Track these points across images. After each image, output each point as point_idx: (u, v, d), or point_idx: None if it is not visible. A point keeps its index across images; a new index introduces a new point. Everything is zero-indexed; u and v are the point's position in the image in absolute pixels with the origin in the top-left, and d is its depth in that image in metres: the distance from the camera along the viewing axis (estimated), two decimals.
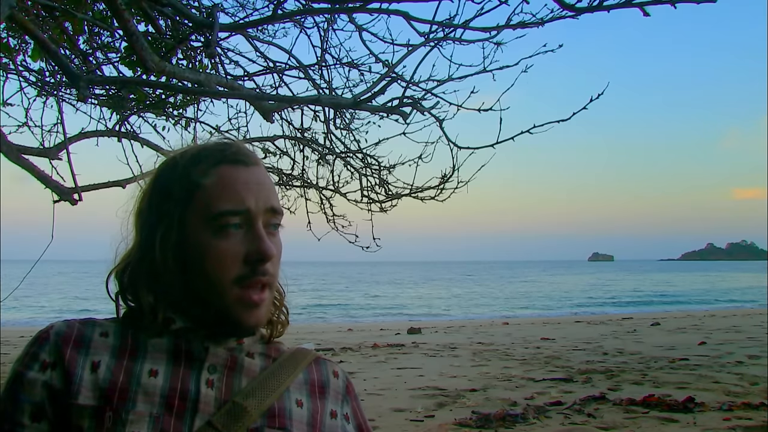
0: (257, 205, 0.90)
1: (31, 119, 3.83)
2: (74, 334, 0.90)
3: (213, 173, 0.91)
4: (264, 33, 4.26)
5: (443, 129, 3.66)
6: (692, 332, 12.38)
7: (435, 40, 3.15)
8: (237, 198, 0.89)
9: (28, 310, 25.94)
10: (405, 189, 4.45)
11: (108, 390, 0.85)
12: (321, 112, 4.40)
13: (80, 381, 0.85)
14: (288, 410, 0.93)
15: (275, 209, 0.93)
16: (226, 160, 0.92)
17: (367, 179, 4.64)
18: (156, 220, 0.92)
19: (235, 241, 0.89)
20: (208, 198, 0.90)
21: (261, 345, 1.00)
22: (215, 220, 0.89)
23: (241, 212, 0.89)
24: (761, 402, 5.36)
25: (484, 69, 3.26)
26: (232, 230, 0.89)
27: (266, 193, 0.92)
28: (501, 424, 4.94)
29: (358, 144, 4.60)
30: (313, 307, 30.49)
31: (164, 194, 0.92)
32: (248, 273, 0.89)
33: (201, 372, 0.90)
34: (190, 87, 3.06)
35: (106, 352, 0.89)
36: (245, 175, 0.92)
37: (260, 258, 0.89)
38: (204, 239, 0.89)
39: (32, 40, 2.73)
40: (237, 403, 0.89)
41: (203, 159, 0.93)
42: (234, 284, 0.88)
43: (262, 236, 0.89)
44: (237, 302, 0.89)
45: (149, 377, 0.87)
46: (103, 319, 0.96)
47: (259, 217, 0.90)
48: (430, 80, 3.50)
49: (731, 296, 36.30)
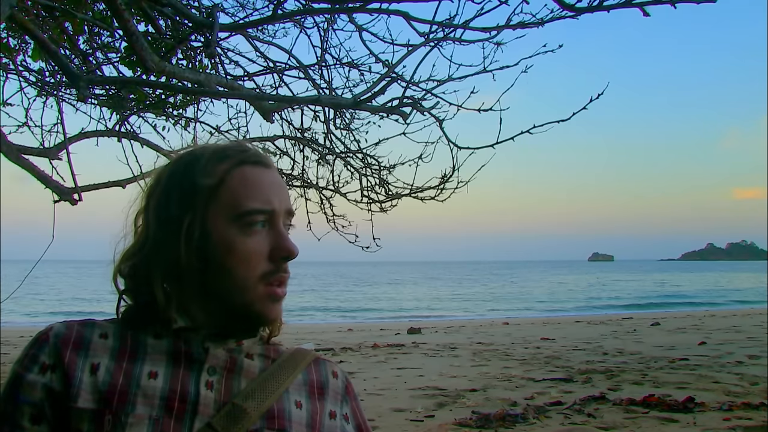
0: (280, 205, 0.94)
1: (31, 119, 3.83)
2: (73, 335, 0.90)
3: (237, 171, 0.93)
4: (264, 33, 4.26)
5: (443, 129, 3.66)
6: (692, 332, 12.38)
7: (435, 40, 3.15)
8: (263, 197, 0.92)
9: (28, 311, 25.94)
10: (405, 189, 4.45)
11: (107, 393, 0.85)
12: (321, 112, 4.40)
13: (80, 384, 0.85)
14: (287, 412, 0.93)
15: (291, 211, 0.97)
16: (249, 160, 0.95)
17: (367, 179, 4.64)
18: (179, 214, 0.91)
19: (260, 239, 0.91)
20: (233, 195, 0.91)
21: (260, 346, 0.99)
22: (242, 217, 0.90)
23: (267, 211, 0.92)
24: (761, 402, 5.36)
25: (484, 69, 3.26)
26: (257, 228, 0.91)
27: (286, 195, 0.97)
28: (501, 424, 4.94)
29: (358, 144, 4.60)
30: (313, 307, 30.50)
31: (187, 189, 0.92)
32: (274, 270, 0.91)
33: (200, 374, 0.90)
34: (190, 87, 3.06)
35: (106, 354, 0.89)
36: (269, 176, 0.95)
37: (286, 255, 0.92)
38: (229, 236, 0.90)
39: (32, 40, 2.73)
40: (237, 405, 0.89)
41: (227, 157, 0.94)
42: (260, 280, 0.90)
43: (287, 235, 0.93)
44: (263, 297, 0.91)
45: (149, 379, 0.87)
46: (103, 320, 0.95)
47: (281, 217, 0.94)
48: (430, 80, 3.50)
49: (731, 296, 36.28)
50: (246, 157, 0.95)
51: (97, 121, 4.00)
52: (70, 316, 14.81)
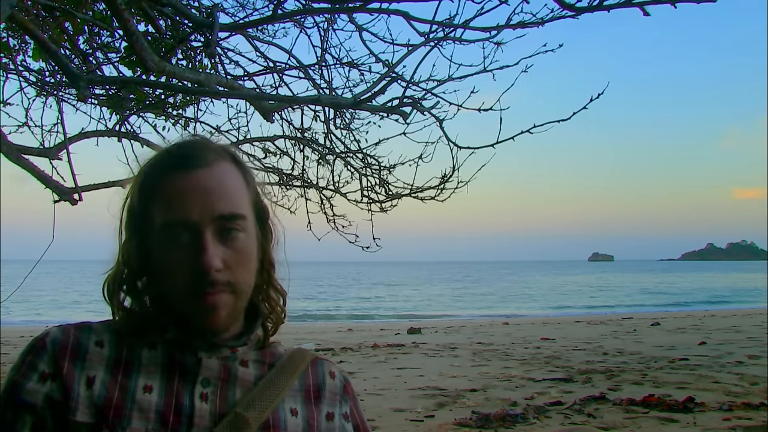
0: (202, 214, 0.87)
1: (31, 119, 3.83)
2: (70, 342, 0.89)
3: (162, 182, 0.89)
4: (264, 33, 4.25)
5: (443, 129, 3.66)
6: (692, 332, 12.37)
7: (435, 40, 3.15)
8: (180, 208, 0.87)
9: (28, 311, 25.93)
10: (405, 189, 4.45)
11: (104, 407, 0.85)
12: (321, 112, 4.40)
13: (77, 397, 0.85)
14: (283, 421, 0.92)
15: (227, 215, 0.88)
16: (171, 166, 0.90)
17: (367, 179, 4.64)
18: (129, 232, 0.93)
19: (183, 251, 0.87)
20: (158, 209, 0.88)
21: (255, 351, 0.98)
22: (163, 231, 0.88)
23: (185, 223, 0.87)
24: (761, 402, 5.35)
25: (484, 69, 3.26)
26: (180, 241, 0.87)
27: (213, 200, 0.88)
28: (501, 424, 4.94)
29: (358, 144, 4.60)
30: (313, 307, 30.49)
31: (130, 207, 0.93)
32: (197, 286, 0.86)
33: (195, 386, 0.89)
34: (190, 87, 3.06)
35: (101, 366, 0.88)
36: (189, 182, 0.88)
37: (203, 271, 0.85)
38: (158, 250, 0.89)
39: (32, 40, 2.73)
40: (239, 415, 0.88)
41: (154, 168, 0.91)
42: (187, 294, 0.87)
43: (204, 248, 0.86)
44: (196, 310, 0.87)
45: (144, 393, 0.87)
46: (98, 322, 0.95)
47: (207, 226, 0.87)
48: (430, 80, 3.50)
49: (731, 296, 36.27)
50: (169, 162, 0.90)
51: (97, 121, 4.00)
52: (70, 316, 14.75)
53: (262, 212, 0.98)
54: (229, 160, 0.94)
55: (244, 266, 0.90)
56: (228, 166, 0.93)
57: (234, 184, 0.92)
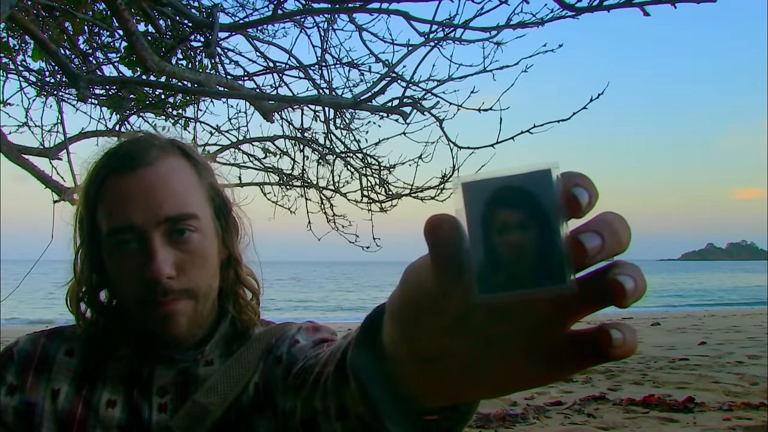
0: (147, 217, 0.79)
1: (31, 119, 3.82)
2: (38, 353, 0.87)
3: (104, 187, 0.83)
4: (264, 33, 4.25)
5: (443, 129, 3.66)
6: (692, 332, 12.37)
7: (435, 40, 3.15)
8: (123, 213, 0.80)
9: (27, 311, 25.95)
10: (405, 189, 4.44)
11: (67, 422, 0.83)
12: (321, 112, 4.39)
13: (42, 412, 0.84)
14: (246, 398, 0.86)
15: (171, 218, 0.81)
16: (111, 169, 0.83)
17: (367, 179, 4.64)
18: (81, 242, 0.88)
19: (132, 260, 0.80)
20: (103, 215, 0.83)
21: (221, 347, 0.91)
22: (109, 239, 0.82)
23: (129, 228, 0.80)
24: (761, 402, 5.36)
25: (484, 69, 3.26)
26: (126, 248, 0.80)
27: (158, 201, 0.80)
28: (501, 424, 4.94)
29: (358, 144, 4.60)
30: (313, 307, 30.51)
31: (80, 216, 0.87)
32: (149, 295, 0.80)
33: (151, 397, 0.85)
34: (190, 87, 3.06)
35: (67, 378, 0.86)
36: (130, 184, 0.81)
37: (153, 279, 0.79)
38: (108, 259, 0.83)
39: (32, 40, 2.73)
40: (197, 402, 0.83)
41: (96, 173, 0.85)
42: (140, 303, 0.82)
43: (152, 254, 0.79)
44: (152, 318, 0.82)
45: (107, 409, 0.84)
46: (72, 327, 0.92)
47: (154, 230, 0.80)
48: (430, 80, 3.51)
49: (731, 296, 36.28)
50: (110, 165, 0.83)
51: (97, 121, 4.00)
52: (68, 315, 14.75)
53: (222, 207, 0.90)
54: (177, 154, 0.86)
55: (200, 268, 0.83)
56: (175, 162, 0.85)
57: (182, 181, 0.84)
